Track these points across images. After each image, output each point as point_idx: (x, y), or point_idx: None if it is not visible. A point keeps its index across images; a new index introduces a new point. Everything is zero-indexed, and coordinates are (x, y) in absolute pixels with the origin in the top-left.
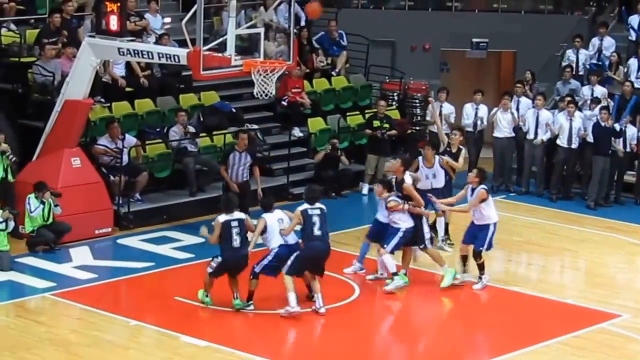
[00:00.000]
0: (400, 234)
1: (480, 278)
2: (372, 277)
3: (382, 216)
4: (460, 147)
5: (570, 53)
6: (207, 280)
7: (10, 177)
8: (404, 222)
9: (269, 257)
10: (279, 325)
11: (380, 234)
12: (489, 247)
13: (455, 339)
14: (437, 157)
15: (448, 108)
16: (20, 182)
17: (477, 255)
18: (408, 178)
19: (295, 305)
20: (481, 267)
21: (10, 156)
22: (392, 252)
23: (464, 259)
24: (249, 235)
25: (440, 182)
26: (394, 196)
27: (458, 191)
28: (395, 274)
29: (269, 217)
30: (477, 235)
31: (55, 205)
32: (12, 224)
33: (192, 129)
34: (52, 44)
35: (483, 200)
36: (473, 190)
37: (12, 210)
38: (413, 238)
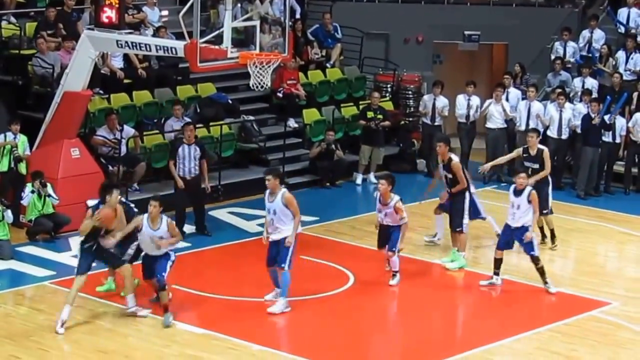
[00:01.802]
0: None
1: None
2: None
3: None
4: (540, 147)
5: (557, 45)
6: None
7: (22, 169)
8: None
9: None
10: (274, 314)
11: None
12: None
13: (447, 326)
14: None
15: (442, 101)
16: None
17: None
18: (455, 157)
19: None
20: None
21: (15, 152)
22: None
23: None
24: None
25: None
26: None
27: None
28: (397, 272)
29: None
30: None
31: (48, 195)
32: (8, 213)
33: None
34: (51, 37)
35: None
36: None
37: (4, 202)
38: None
